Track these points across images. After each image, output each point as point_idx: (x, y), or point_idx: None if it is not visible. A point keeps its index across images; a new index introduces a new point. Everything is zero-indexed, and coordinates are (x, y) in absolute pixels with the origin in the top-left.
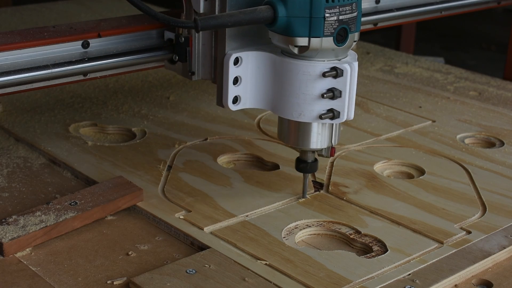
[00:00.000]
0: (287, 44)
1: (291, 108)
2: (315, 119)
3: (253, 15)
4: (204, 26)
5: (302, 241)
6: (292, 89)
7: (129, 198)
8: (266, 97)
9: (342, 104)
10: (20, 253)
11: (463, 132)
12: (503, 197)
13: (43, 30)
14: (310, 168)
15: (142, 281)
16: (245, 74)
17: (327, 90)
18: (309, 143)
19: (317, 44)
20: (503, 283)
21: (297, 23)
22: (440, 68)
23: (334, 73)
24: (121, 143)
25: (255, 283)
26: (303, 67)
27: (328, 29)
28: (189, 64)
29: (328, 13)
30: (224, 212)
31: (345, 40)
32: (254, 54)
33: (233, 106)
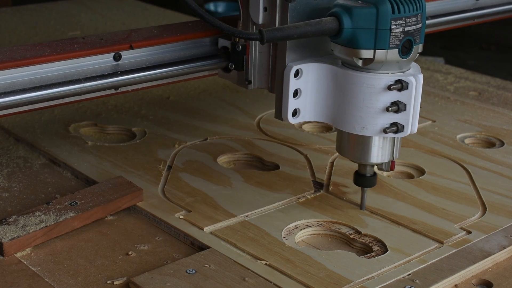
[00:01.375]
0: (351, 56)
1: (353, 121)
2: (378, 133)
3: (319, 27)
4: (270, 38)
5: (302, 241)
6: (355, 102)
7: (129, 198)
8: (326, 110)
9: (407, 118)
10: (20, 253)
11: (463, 132)
12: (503, 197)
13: (72, 42)
14: (369, 182)
15: (142, 281)
16: (305, 87)
17: (391, 103)
18: (370, 157)
19: (382, 57)
20: (503, 283)
21: (363, 35)
22: (440, 68)
23: (399, 86)
24: (121, 143)
25: (255, 283)
26: (367, 80)
27: (394, 41)
28: (246, 72)
29: (394, 24)
30: (224, 212)
31: (410, 52)
32: (315, 66)
33: (292, 119)
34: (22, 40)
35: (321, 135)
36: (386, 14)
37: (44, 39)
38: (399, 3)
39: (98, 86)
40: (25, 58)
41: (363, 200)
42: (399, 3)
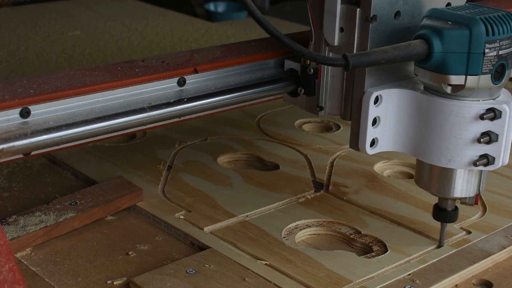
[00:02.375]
0: (440, 82)
1: (439, 153)
2: (466, 165)
3: (408, 51)
4: (356, 64)
5: (302, 241)
6: (442, 132)
7: (129, 198)
8: (407, 140)
9: (498, 149)
10: (20, 253)
11: None
12: (503, 197)
13: (132, 65)
14: (451, 217)
15: (142, 281)
16: (384, 114)
17: (482, 133)
18: (454, 191)
19: (474, 83)
20: (503, 283)
21: (454, 60)
22: None
23: (491, 115)
24: (121, 143)
25: (255, 283)
26: (456, 108)
27: (487, 65)
28: (317, 98)
29: (488, 48)
30: (224, 212)
31: (502, 77)
32: (396, 91)
33: (370, 150)
34: (22, 40)
35: (321, 135)
36: (480, 36)
37: (44, 39)
38: (493, 24)
39: (164, 115)
40: (85, 85)
41: (442, 236)
42: (493, 24)
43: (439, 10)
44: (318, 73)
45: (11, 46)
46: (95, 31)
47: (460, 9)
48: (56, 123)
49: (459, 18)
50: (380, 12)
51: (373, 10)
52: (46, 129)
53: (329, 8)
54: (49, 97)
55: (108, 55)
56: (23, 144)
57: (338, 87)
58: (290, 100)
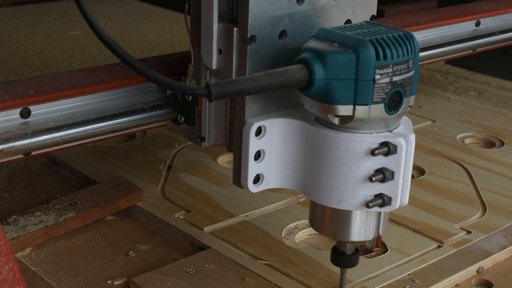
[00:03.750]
0: (326, 113)
1: (329, 192)
2: (359, 207)
3: (283, 79)
4: (220, 94)
5: (302, 241)
6: (331, 169)
7: (129, 198)
8: (296, 176)
9: (395, 188)
10: (20, 253)
11: (463, 132)
12: (503, 197)
13: None
14: (350, 262)
15: (142, 281)
16: (269, 147)
17: (375, 171)
18: (350, 235)
19: (364, 113)
20: (503, 283)
21: (339, 88)
22: (440, 68)
23: (385, 150)
24: (121, 143)
25: (255, 283)
26: (346, 142)
27: (379, 94)
28: (198, 127)
29: (378, 74)
30: (224, 212)
31: (399, 107)
32: (281, 121)
33: (254, 187)
34: (22, 40)
35: None
36: (368, 61)
37: (44, 39)
38: (385, 47)
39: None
40: (85, 85)
41: (343, 282)
42: (385, 46)
43: (327, 30)
44: (199, 99)
45: (11, 46)
46: None
47: (352, 28)
48: (56, 123)
49: (347, 39)
50: (260, 32)
51: (251, 30)
52: (46, 129)
53: (206, 27)
54: (49, 97)
55: (108, 55)
56: (23, 144)
57: (223, 115)
58: (174, 128)
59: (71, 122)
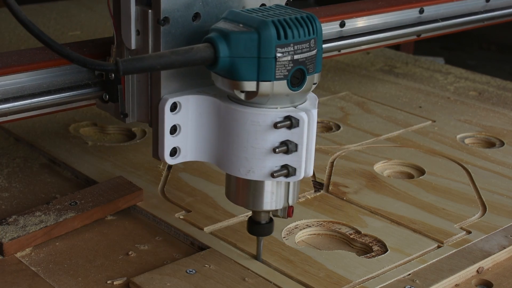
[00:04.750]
0: (232, 88)
1: (238, 163)
2: (266, 177)
3: (189, 56)
4: (127, 69)
5: (302, 241)
6: (240, 142)
7: (129, 198)
8: (210, 150)
9: (299, 160)
10: (20, 253)
11: (463, 132)
12: (503, 197)
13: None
14: (264, 230)
15: (142, 281)
16: (185, 122)
17: (280, 143)
18: (262, 204)
19: (268, 89)
20: (503, 283)
21: (243, 65)
22: (440, 68)
23: (288, 123)
24: (121, 143)
25: (255, 283)
26: (252, 116)
27: (281, 71)
28: (121, 104)
29: (280, 52)
30: (224, 212)
31: (302, 84)
32: (196, 98)
33: (170, 160)
34: (22, 40)
35: (321, 135)
36: (269, 40)
37: None
38: (287, 27)
39: None
40: (34, 62)
41: (259, 250)
42: (287, 27)
43: (235, 12)
44: (122, 78)
45: (11, 46)
46: (95, 31)
47: (259, 11)
48: (4, 96)
49: (251, 20)
50: (173, 14)
51: (164, 12)
52: None
53: (125, 10)
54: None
55: None
56: None
57: (145, 93)
58: (102, 106)
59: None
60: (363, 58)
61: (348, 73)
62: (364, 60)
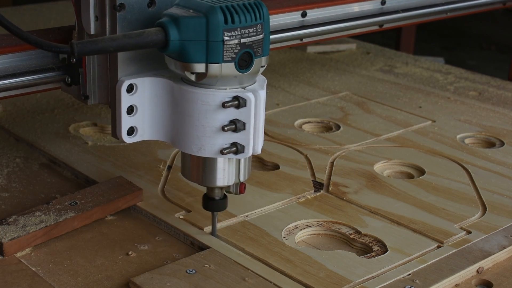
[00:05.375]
0: (183, 70)
1: (190, 141)
2: (217, 154)
3: (140, 39)
4: (81, 51)
5: (302, 241)
6: (191, 121)
7: (129, 198)
8: (165, 129)
9: (247, 138)
10: (20, 253)
11: (463, 132)
12: (503, 197)
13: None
14: (218, 206)
15: (142, 281)
16: (141, 103)
17: (229, 122)
18: (214, 180)
19: (216, 71)
20: (503, 283)
21: (193, 48)
22: (440, 68)
23: (236, 103)
24: (121, 143)
25: (255, 283)
26: (202, 96)
27: (229, 53)
28: (82, 86)
29: (227, 36)
30: (224, 212)
31: (250, 66)
32: (151, 80)
33: (128, 138)
34: None
35: (321, 135)
36: (217, 24)
37: None
38: (234, 13)
39: None
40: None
41: (214, 225)
42: (233, 12)
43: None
44: (83, 62)
45: None
46: None
47: None
48: None
49: (200, 6)
50: (129, 1)
51: None
52: None
53: None
54: None
55: None
56: None
57: (105, 76)
58: (66, 89)
59: None
60: (363, 58)
61: (348, 73)
62: (364, 60)
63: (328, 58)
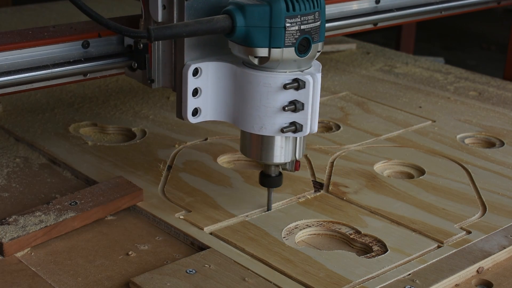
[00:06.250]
0: (247, 54)
1: (252, 121)
2: (276, 132)
3: (210, 25)
4: (158, 36)
5: (302, 241)
6: (253, 102)
7: (129, 198)
8: (227, 110)
9: (305, 117)
10: (20, 253)
11: (463, 132)
12: (503, 197)
13: (43, 30)
14: (274, 182)
15: (142, 281)
16: (205, 86)
17: (289, 102)
18: (272, 157)
19: (278, 55)
20: (503, 283)
21: (257, 33)
22: (440, 68)
23: (295, 85)
24: (121, 143)
25: (255, 283)
26: (264, 79)
27: (289, 39)
28: (148, 71)
29: (289, 22)
30: (224, 212)
31: (308, 51)
32: (214, 64)
33: (192, 119)
34: None
35: (321, 135)
36: (279, 12)
37: None
38: (294, 1)
39: (65, 71)
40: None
41: (270, 201)
42: (294, 1)
43: None
44: (149, 48)
45: None
46: None
47: None
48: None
49: None
50: None
51: None
52: None
53: None
54: None
55: None
56: None
57: (169, 62)
58: (130, 74)
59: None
60: (363, 58)
61: (348, 73)
62: (364, 60)
63: (328, 58)
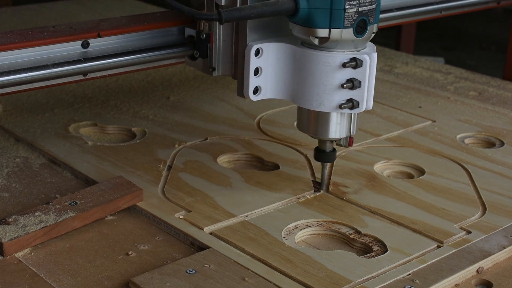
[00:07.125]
0: (308, 35)
1: (311, 98)
2: (334, 109)
3: (276, 7)
4: (228, 18)
5: (302, 241)
6: (313, 80)
7: (129, 198)
8: (286, 88)
9: (362, 94)
10: (20, 253)
11: (463, 132)
12: (503, 197)
13: (43, 30)
14: (328, 157)
15: (142, 281)
16: (265, 65)
17: (346, 80)
18: (328, 133)
19: (337, 35)
20: (503, 283)
21: (318, 15)
22: (440, 68)
23: (353, 64)
24: (121, 143)
25: (255, 283)
26: (324, 58)
27: (348, 20)
28: (210, 60)
29: (348, 4)
30: (224, 212)
31: (365, 32)
32: (275, 45)
33: (253, 97)
34: None
35: None
36: None
37: None
38: None
39: (65, 71)
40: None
41: (324, 176)
42: None
43: None
44: (210, 38)
45: None
46: None
47: None
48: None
49: None
50: None
51: None
52: None
53: None
54: None
55: None
56: None
57: (229, 51)
58: (190, 63)
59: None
60: None
61: None
62: None
63: None
